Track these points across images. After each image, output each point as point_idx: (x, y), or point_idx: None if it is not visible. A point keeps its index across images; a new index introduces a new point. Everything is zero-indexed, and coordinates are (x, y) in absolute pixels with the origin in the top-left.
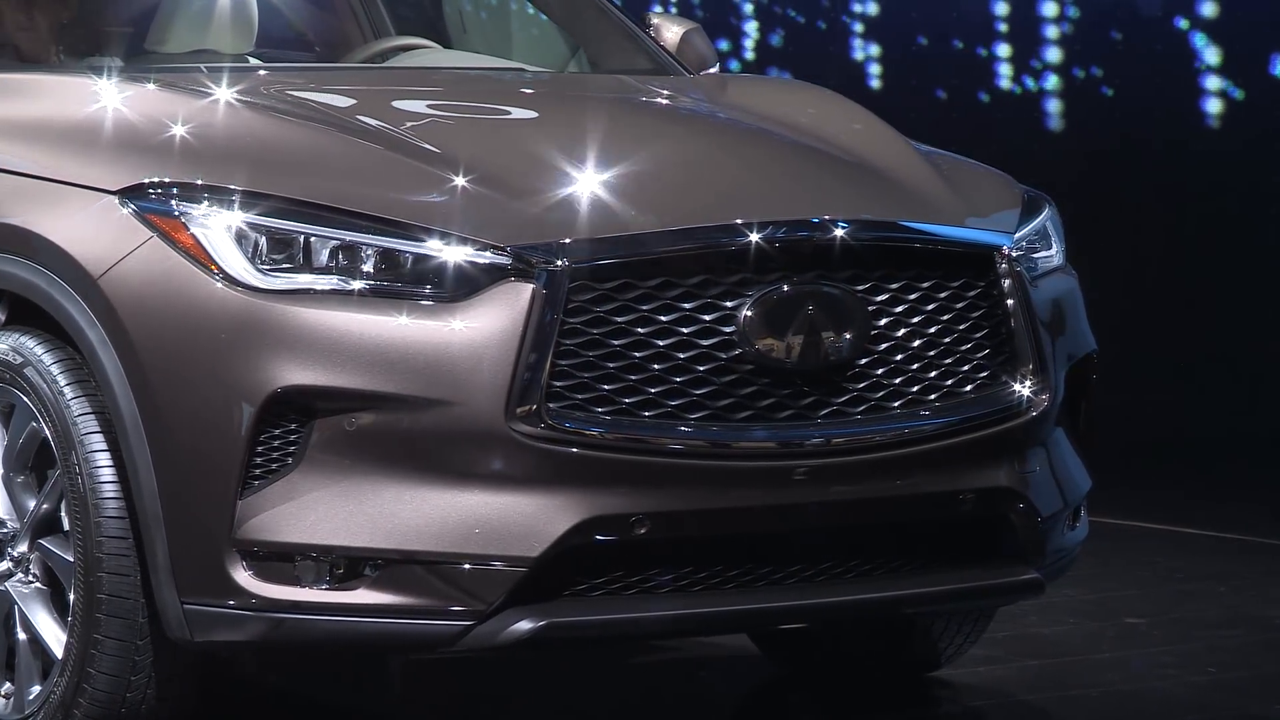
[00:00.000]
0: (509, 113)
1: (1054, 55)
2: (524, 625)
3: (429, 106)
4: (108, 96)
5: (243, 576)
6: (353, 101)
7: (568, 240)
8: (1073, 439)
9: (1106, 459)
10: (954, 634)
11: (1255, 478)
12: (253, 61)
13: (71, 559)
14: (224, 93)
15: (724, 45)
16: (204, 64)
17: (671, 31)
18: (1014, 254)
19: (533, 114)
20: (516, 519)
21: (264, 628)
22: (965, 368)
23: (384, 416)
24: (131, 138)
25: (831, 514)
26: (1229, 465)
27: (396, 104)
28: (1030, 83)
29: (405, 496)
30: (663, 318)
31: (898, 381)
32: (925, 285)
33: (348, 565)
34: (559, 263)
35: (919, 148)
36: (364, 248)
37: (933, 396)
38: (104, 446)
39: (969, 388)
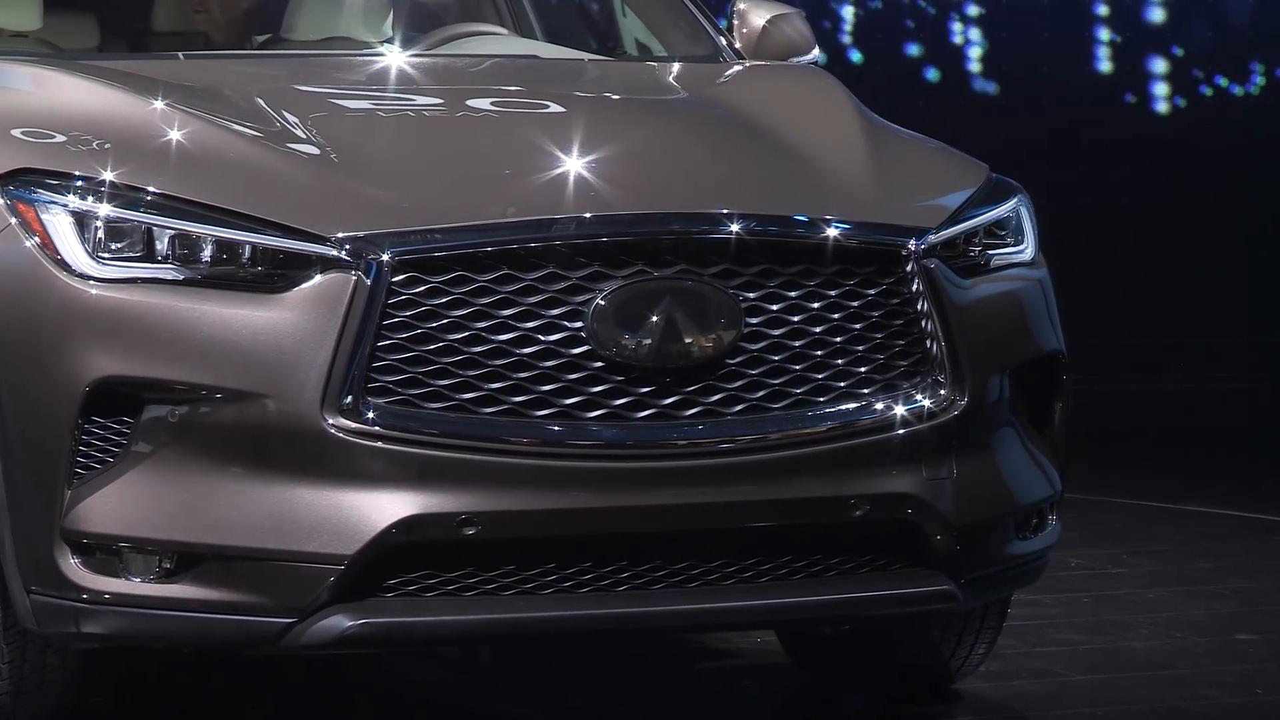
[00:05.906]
0: (447, 103)
1: None
2: (340, 624)
3: (360, 97)
4: (13, 82)
5: (70, 567)
6: (267, 92)
7: (395, 231)
8: (1041, 443)
9: None
10: (954, 644)
11: None
12: (379, 48)
13: None
14: (122, 82)
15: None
16: (336, 50)
17: (758, 17)
18: (926, 250)
19: (478, 104)
20: (335, 516)
21: (100, 621)
22: (863, 368)
23: (205, 409)
24: (20, 124)
25: (699, 517)
26: None
27: (315, 93)
28: None
29: (226, 490)
30: (502, 312)
31: (779, 381)
32: (813, 282)
33: (173, 559)
34: (384, 255)
35: (888, 132)
36: (199, 238)
37: (823, 398)
38: None
39: (867, 389)
